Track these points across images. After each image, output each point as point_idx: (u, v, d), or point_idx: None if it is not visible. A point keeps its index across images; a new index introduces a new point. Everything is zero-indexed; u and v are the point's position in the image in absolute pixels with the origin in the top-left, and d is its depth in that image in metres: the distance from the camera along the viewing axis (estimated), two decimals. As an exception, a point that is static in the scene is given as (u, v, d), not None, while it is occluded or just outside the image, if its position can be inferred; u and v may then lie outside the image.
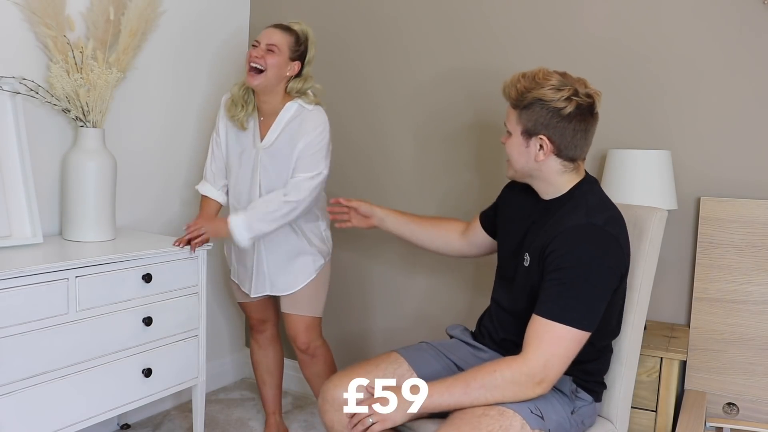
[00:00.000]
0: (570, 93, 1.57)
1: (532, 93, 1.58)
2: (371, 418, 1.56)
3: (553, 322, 1.51)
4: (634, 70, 2.30)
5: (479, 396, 1.52)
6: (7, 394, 1.76)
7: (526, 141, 1.62)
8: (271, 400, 2.57)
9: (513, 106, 1.63)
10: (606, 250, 1.55)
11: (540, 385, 1.51)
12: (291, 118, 2.18)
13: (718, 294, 2.17)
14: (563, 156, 1.62)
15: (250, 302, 2.43)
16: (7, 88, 2.04)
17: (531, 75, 1.61)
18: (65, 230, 2.19)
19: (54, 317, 1.85)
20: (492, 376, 1.52)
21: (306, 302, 2.32)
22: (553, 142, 1.60)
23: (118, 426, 2.59)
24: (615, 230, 1.58)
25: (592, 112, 1.62)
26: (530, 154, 1.63)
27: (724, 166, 2.20)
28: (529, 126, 1.60)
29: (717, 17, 2.18)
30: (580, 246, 1.54)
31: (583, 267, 1.52)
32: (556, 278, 1.54)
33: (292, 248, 2.28)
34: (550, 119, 1.58)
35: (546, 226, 1.63)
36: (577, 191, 1.65)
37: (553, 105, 1.57)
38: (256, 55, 2.11)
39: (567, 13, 2.39)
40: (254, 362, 2.56)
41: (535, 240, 1.65)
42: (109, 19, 2.21)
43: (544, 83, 1.58)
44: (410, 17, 2.66)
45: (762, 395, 2.13)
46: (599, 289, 1.54)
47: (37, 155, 2.17)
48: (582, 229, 1.55)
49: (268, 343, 2.53)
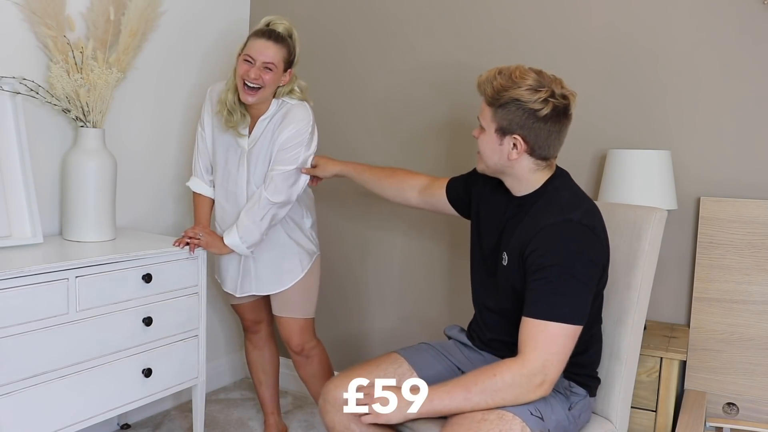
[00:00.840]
0: (547, 95, 1.56)
1: (509, 92, 1.57)
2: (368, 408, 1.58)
3: (545, 321, 1.51)
4: (634, 70, 2.30)
5: (480, 401, 1.52)
6: (7, 394, 1.75)
7: (500, 139, 1.62)
8: (269, 399, 2.57)
9: (488, 104, 1.63)
10: (586, 244, 1.56)
11: (541, 387, 1.51)
12: (273, 113, 2.17)
13: (718, 294, 2.17)
14: (536, 155, 1.62)
15: (243, 303, 2.42)
16: (7, 88, 2.04)
17: (507, 73, 1.60)
18: (65, 230, 2.19)
19: (54, 317, 1.85)
20: (492, 381, 1.52)
21: (297, 304, 2.32)
22: (527, 141, 1.60)
23: (118, 426, 2.58)
24: (591, 223, 1.59)
25: (566, 113, 1.61)
26: (503, 152, 1.63)
27: (724, 166, 2.20)
28: (504, 125, 1.60)
29: (717, 18, 2.18)
30: (560, 243, 1.55)
31: (565, 263, 1.53)
32: (540, 277, 1.54)
33: (278, 248, 2.26)
34: (526, 120, 1.58)
35: (522, 225, 1.64)
36: (549, 186, 1.65)
37: (529, 106, 1.56)
38: (253, 76, 2.05)
39: (567, 13, 2.39)
40: (250, 362, 2.55)
41: (511, 239, 1.66)
42: (109, 19, 2.21)
43: (521, 83, 1.57)
44: (403, 12, 2.66)
45: (762, 395, 2.13)
46: (584, 282, 1.54)
47: (37, 155, 2.17)
48: (559, 227, 1.56)
49: (263, 343, 2.52)
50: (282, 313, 2.32)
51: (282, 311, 2.32)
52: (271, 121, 2.17)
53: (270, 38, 2.09)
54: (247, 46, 2.10)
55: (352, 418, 1.68)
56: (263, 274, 2.28)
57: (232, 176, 2.22)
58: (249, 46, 2.09)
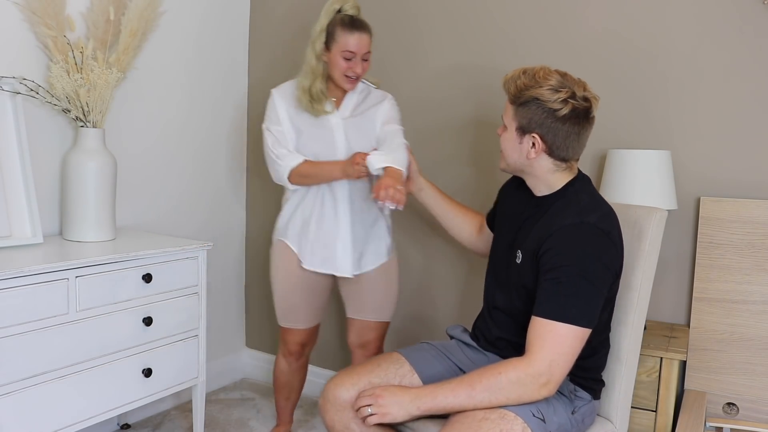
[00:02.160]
0: (567, 95, 1.58)
1: (530, 91, 1.60)
2: (371, 408, 1.57)
3: (554, 321, 1.51)
4: (635, 70, 2.30)
5: (483, 399, 1.52)
6: (7, 394, 1.76)
7: (519, 137, 1.64)
8: (288, 412, 2.53)
9: (511, 102, 1.65)
10: (600, 248, 1.56)
11: (546, 387, 1.51)
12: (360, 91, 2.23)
13: (718, 294, 2.17)
14: (555, 156, 1.63)
15: (300, 329, 2.34)
16: (7, 88, 2.04)
17: (532, 72, 1.62)
18: (65, 230, 2.19)
19: (54, 317, 1.85)
20: (497, 379, 1.52)
21: (387, 302, 2.30)
22: (545, 141, 1.61)
23: (118, 426, 2.59)
24: (608, 228, 1.59)
25: (587, 116, 1.62)
26: (522, 150, 1.65)
27: (724, 166, 2.20)
28: (524, 123, 1.62)
29: (717, 17, 2.18)
30: (575, 244, 1.54)
31: (578, 265, 1.53)
32: (552, 277, 1.54)
33: (372, 217, 2.24)
34: (545, 119, 1.59)
35: (538, 224, 1.64)
36: (569, 189, 1.66)
37: (548, 105, 1.58)
38: (360, 71, 2.11)
39: (567, 13, 2.39)
40: (279, 379, 2.46)
41: (527, 238, 1.66)
42: (109, 19, 2.22)
43: (543, 83, 1.59)
44: (414, 13, 2.66)
45: (762, 395, 2.13)
46: (596, 286, 1.54)
47: (37, 155, 2.17)
48: (576, 228, 1.56)
49: (301, 366, 2.46)
50: (370, 315, 2.30)
51: (370, 313, 2.29)
52: (364, 101, 2.23)
53: (360, 29, 2.10)
54: (340, 42, 2.09)
55: (352, 417, 1.68)
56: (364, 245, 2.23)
57: (323, 156, 2.16)
58: (344, 41, 2.08)
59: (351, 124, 2.19)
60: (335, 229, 2.19)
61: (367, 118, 2.20)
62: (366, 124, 2.20)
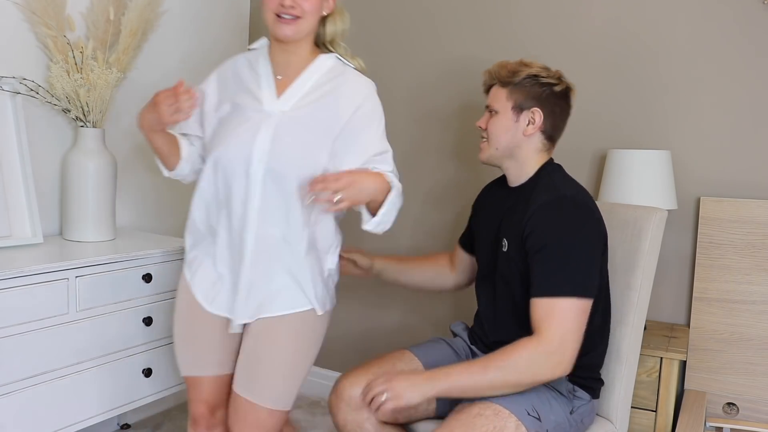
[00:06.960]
0: (558, 75, 1.69)
1: (524, 71, 1.66)
2: (387, 394, 1.51)
3: (555, 298, 1.52)
4: (635, 70, 2.30)
5: (496, 377, 1.51)
6: (7, 394, 1.76)
7: (516, 116, 1.67)
8: None
9: (502, 85, 1.69)
10: (582, 218, 1.59)
11: (559, 366, 1.51)
12: (324, 68, 1.61)
13: (718, 294, 2.17)
14: (546, 134, 1.68)
15: (206, 377, 1.66)
16: (7, 88, 2.04)
17: (516, 61, 1.70)
18: (65, 230, 2.19)
19: (54, 317, 1.85)
20: (511, 358, 1.52)
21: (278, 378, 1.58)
22: (543, 116, 1.66)
23: (118, 426, 2.59)
24: (584, 200, 1.63)
25: (569, 101, 1.71)
26: (519, 128, 1.67)
27: (724, 166, 2.20)
28: (521, 100, 1.66)
29: (717, 17, 2.18)
30: (556, 219, 1.57)
31: (565, 238, 1.55)
32: (542, 256, 1.56)
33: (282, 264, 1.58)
34: (543, 92, 1.66)
35: (518, 209, 1.66)
36: (542, 173, 1.70)
37: (546, 81, 1.66)
38: (289, 3, 1.51)
39: (567, 13, 2.39)
40: None
41: (510, 225, 1.67)
42: (109, 19, 2.22)
43: (532, 65, 1.68)
44: (414, 7, 2.66)
45: (762, 395, 2.13)
46: (587, 253, 1.56)
47: (37, 155, 2.17)
48: (554, 203, 1.59)
49: None
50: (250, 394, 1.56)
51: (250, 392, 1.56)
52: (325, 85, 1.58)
53: None
54: None
55: (366, 417, 1.66)
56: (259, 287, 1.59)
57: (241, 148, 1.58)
58: None
59: (290, 121, 1.56)
60: None
61: (324, 106, 1.57)
62: (318, 114, 1.56)
